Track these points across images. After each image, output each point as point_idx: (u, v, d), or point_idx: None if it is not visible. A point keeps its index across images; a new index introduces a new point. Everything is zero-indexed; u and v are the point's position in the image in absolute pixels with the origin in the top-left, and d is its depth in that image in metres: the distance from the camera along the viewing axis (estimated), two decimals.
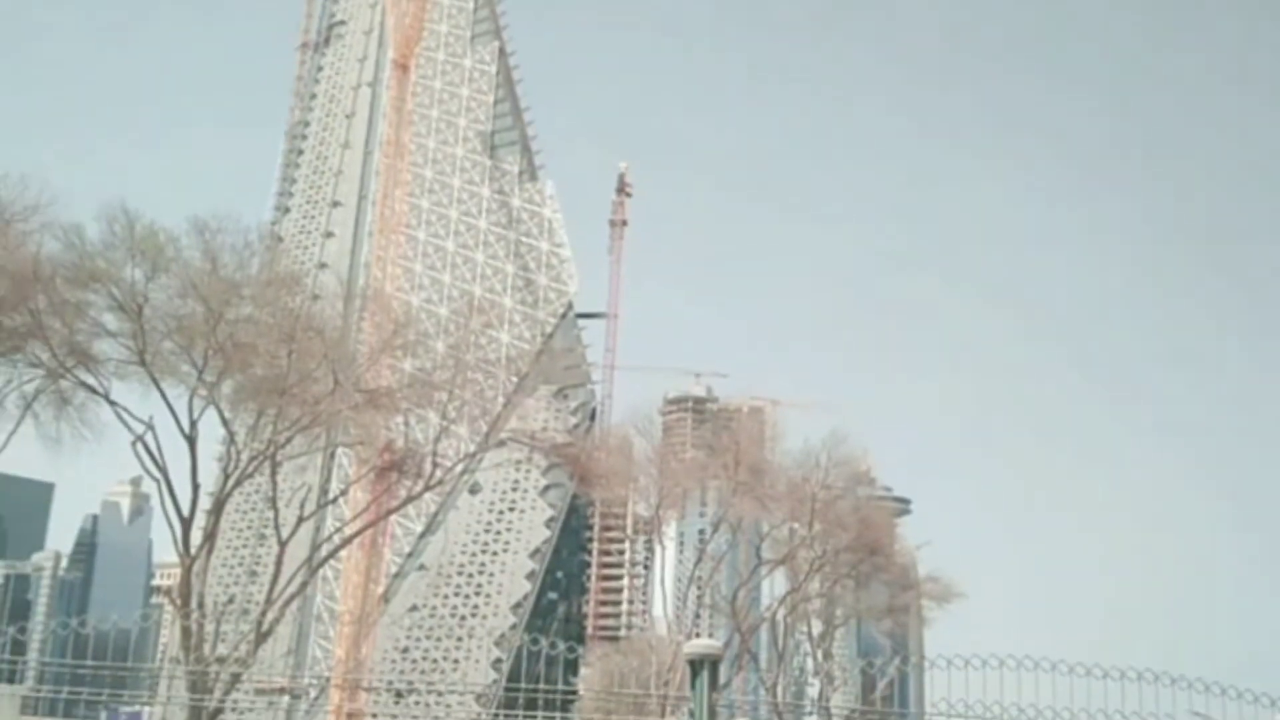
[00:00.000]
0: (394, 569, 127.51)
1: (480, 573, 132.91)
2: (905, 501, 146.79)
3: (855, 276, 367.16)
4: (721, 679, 12.72)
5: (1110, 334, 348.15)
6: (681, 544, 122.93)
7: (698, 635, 71.03)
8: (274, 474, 47.76)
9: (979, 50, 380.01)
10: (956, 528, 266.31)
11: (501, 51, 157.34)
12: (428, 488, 56.59)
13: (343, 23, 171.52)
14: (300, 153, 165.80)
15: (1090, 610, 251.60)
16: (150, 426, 43.20)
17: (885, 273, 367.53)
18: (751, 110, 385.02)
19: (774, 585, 74.16)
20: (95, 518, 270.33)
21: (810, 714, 79.72)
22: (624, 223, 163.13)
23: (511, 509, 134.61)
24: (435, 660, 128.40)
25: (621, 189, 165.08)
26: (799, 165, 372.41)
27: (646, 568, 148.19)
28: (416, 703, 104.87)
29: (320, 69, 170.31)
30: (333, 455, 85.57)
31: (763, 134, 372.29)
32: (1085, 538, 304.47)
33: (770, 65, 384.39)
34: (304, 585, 53.78)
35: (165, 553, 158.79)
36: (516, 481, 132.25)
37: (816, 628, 75.21)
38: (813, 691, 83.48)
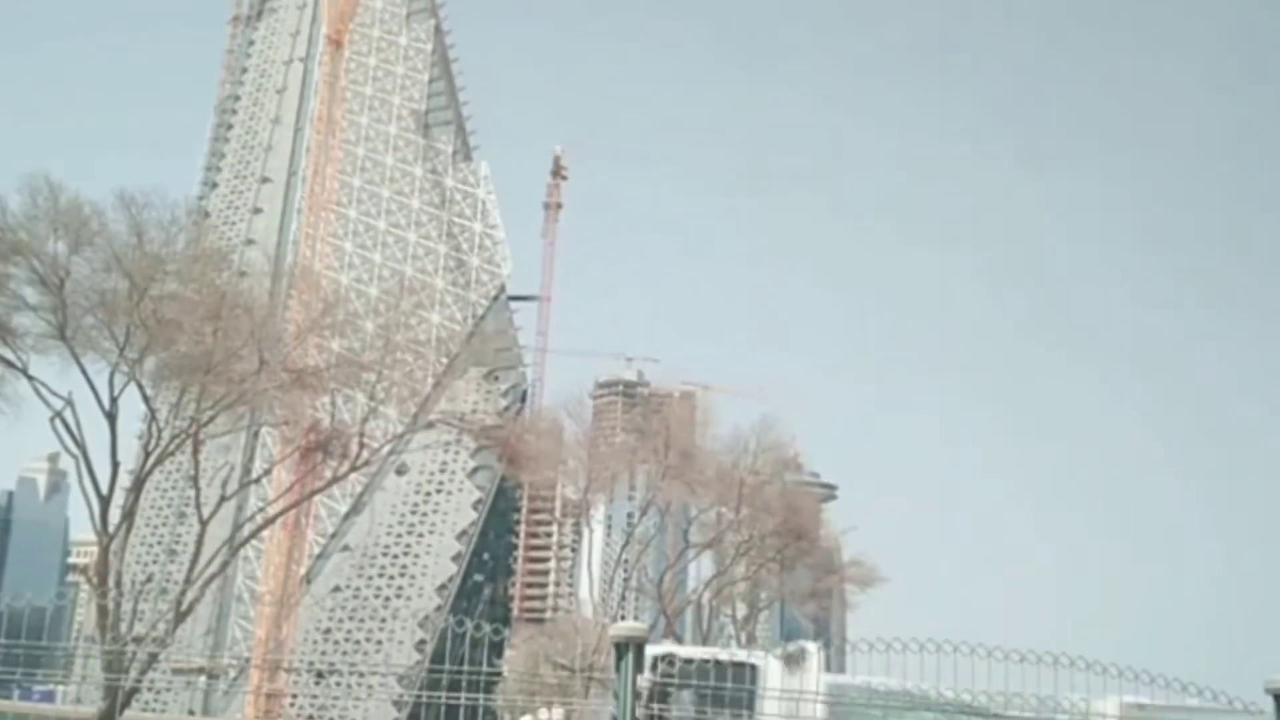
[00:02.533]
0: (317, 550, 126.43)
1: (405, 554, 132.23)
2: (831, 488, 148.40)
3: (788, 263, 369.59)
4: (646, 661, 12.93)
5: (1047, 330, 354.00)
6: (609, 527, 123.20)
7: (623, 618, 71.43)
8: (196, 452, 47.17)
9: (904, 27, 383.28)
10: (881, 514, 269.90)
11: (437, 30, 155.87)
12: (354, 469, 56.25)
13: None
14: (230, 127, 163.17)
15: (1014, 596, 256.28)
16: (69, 402, 42.52)
17: (818, 259, 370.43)
18: (688, 95, 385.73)
19: (700, 568, 74.90)
20: (10, 494, 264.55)
21: None
22: (558, 206, 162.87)
23: (439, 490, 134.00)
24: (358, 641, 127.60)
25: (557, 172, 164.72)
26: (736, 149, 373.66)
27: (574, 550, 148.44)
28: (338, 683, 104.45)
29: (252, 43, 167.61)
30: (257, 434, 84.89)
31: (699, 119, 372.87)
32: (1011, 523, 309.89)
33: (707, 49, 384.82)
34: (225, 565, 53.19)
35: (82, 530, 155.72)
36: (444, 463, 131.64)
37: (741, 610, 75.98)
38: None
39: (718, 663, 18.64)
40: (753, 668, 17.70)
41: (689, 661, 17.56)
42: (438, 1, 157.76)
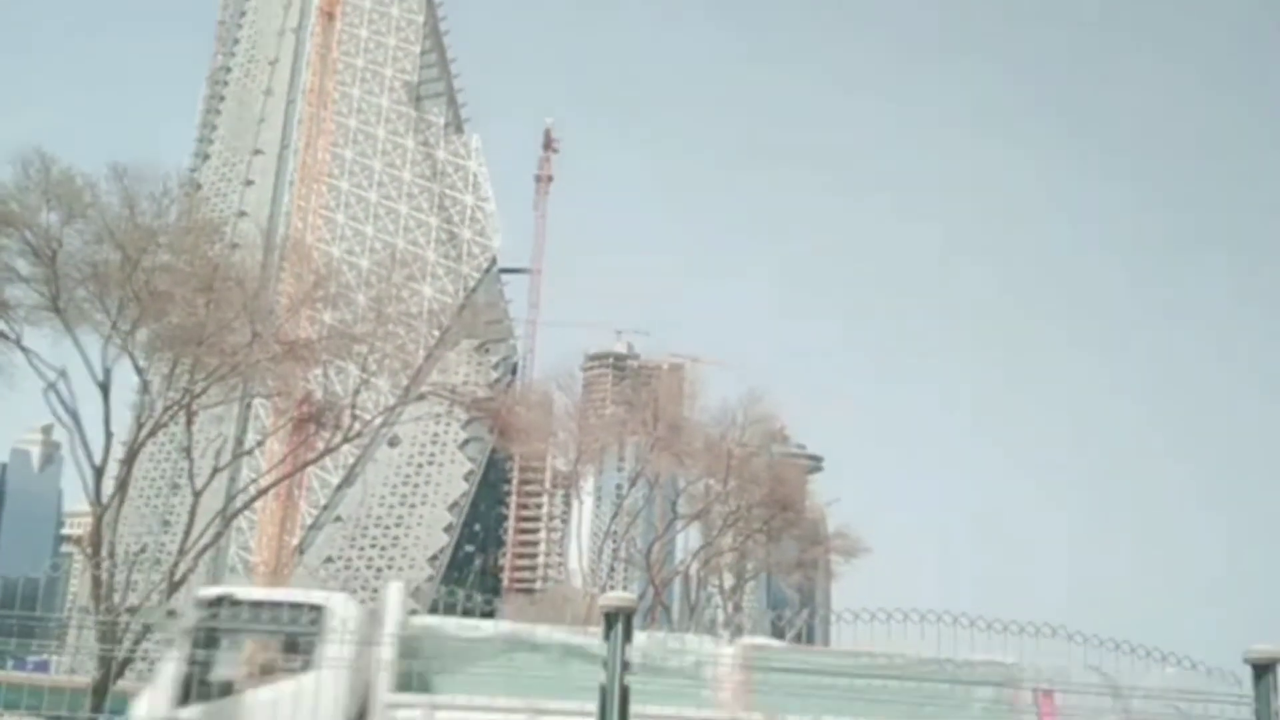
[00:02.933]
0: (310, 520, 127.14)
1: (397, 525, 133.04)
2: (817, 459, 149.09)
3: (778, 235, 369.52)
4: (634, 631, 13.28)
5: (1025, 298, 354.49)
6: (599, 498, 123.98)
7: (612, 588, 72.09)
8: (189, 424, 47.53)
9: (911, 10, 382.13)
10: (866, 485, 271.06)
11: (430, 2, 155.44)
12: (346, 440, 56.64)
13: None
14: (222, 99, 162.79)
15: (1003, 568, 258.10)
16: (62, 374, 42.85)
17: (808, 231, 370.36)
18: (680, 66, 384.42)
19: (688, 539, 75.42)
20: (4, 465, 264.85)
21: None
22: (549, 179, 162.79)
23: (430, 462, 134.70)
24: None
25: (548, 145, 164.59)
26: (726, 123, 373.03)
27: (564, 521, 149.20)
28: None
29: (244, 14, 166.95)
30: (249, 406, 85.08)
31: (689, 91, 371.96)
32: (999, 496, 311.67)
33: (701, 22, 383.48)
34: (218, 536, 53.65)
35: (76, 501, 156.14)
36: (436, 435, 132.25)
37: (728, 581, 76.68)
38: None
39: (280, 605, 16.55)
40: (319, 610, 15.79)
41: (250, 604, 16.11)
42: None
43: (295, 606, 16.33)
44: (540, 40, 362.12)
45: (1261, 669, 13.65)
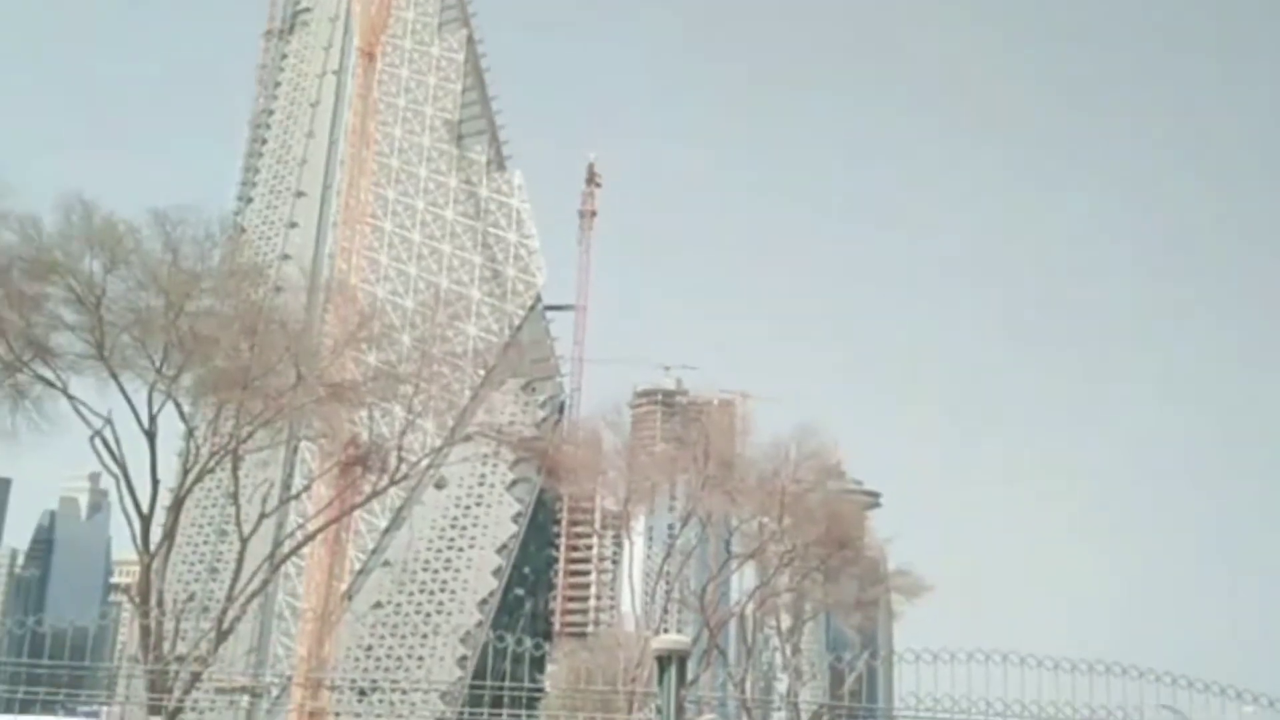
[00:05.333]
0: (358, 565, 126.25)
1: (446, 569, 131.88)
2: (875, 495, 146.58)
3: (827, 269, 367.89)
4: (689, 675, 12.08)
5: (1087, 333, 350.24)
6: (650, 539, 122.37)
7: (665, 631, 70.53)
8: (235, 469, 46.87)
9: (973, 53, 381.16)
10: (927, 521, 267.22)
11: (470, 39, 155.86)
12: (392, 483, 55.90)
13: (308, 10, 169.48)
14: (264, 142, 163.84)
15: (1065, 604, 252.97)
16: (109, 421, 42.41)
17: (857, 267, 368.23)
18: (723, 102, 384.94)
19: (743, 580, 73.90)
20: (52, 514, 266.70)
21: (778, 709, 79.40)
22: (593, 214, 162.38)
23: (478, 504, 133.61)
24: (400, 658, 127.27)
25: (591, 179, 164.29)
26: (770, 158, 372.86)
27: (614, 563, 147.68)
28: (380, 700, 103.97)
29: (285, 57, 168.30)
30: (295, 450, 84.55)
31: (733, 126, 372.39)
32: (1059, 531, 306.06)
33: (743, 57, 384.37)
34: (266, 582, 52.98)
35: (124, 549, 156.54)
36: (483, 476, 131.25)
37: (785, 622, 74.98)
38: (781, 687, 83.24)
39: None
40: None
41: None
42: (470, 11, 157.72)
43: None
44: (582, 75, 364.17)
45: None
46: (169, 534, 46.30)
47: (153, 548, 43.65)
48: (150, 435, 42.73)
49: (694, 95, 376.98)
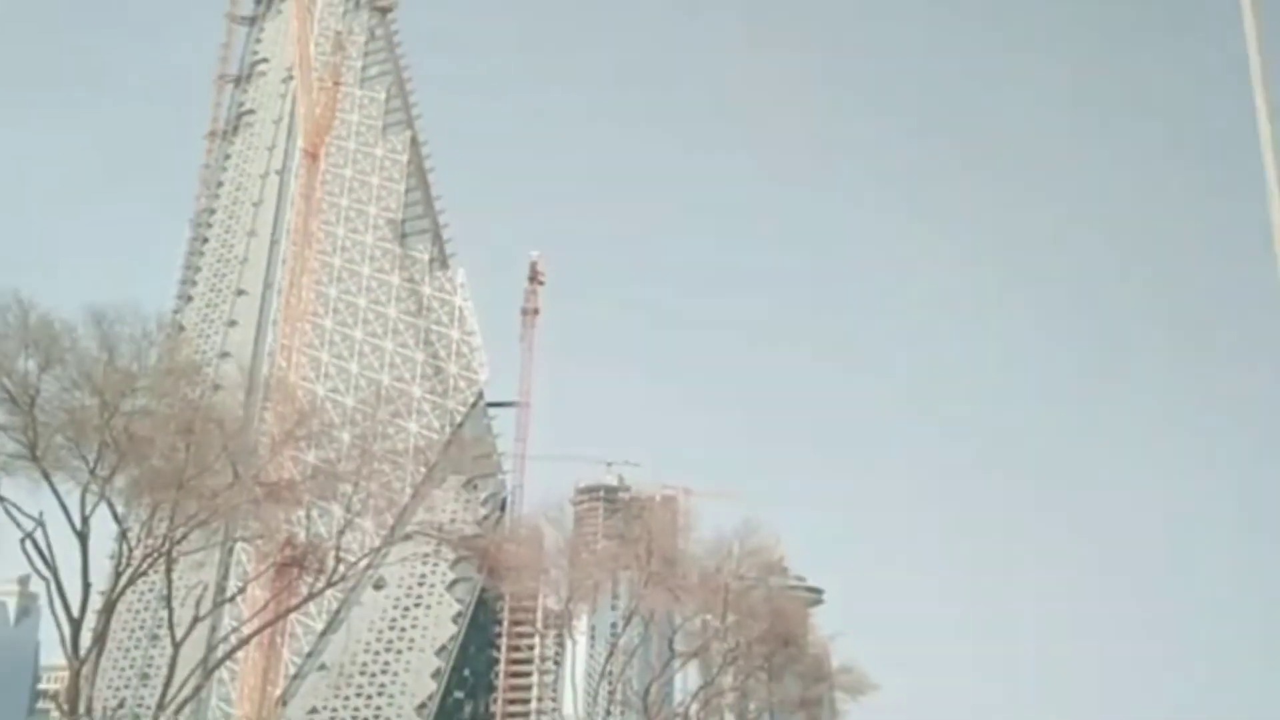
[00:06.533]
0: (293, 670, 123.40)
1: (384, 672, 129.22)
2: (818, 591, 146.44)
3: (770, 366, 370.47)
4: None
5: (1025, 422, 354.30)
6: (593, 638, 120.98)
7: None
8: (169, 571, 46.09)
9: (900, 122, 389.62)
10: (871, 618, 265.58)
11: (414, 141, 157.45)
12: (330, 584, 55.08)
13: (252, 111, 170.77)
14: (205, 240, 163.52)
15: (1013, 703, 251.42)
16: (40, 523, 41.65)
17: (800, 362, 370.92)
18: (662, 199, 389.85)
19: (686, 679, 73.35)
20: None
21: None
22: (536, 311, 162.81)
23: (417, 605, 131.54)
24: None
25: (534, 277, 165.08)
26: (711, 252, 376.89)
27: (557, 663, 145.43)
28: None
29: (228, 157, 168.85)
30: (231, 551, 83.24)
31: (673, 222, 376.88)
32: (1007, 628, 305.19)
33: (678, 152, 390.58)
34: (198, 688, 51.72)
35: (53, 655, 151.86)
36: (423, 576, 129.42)
37: None
38: None
39: None
40: None
41: None
42: (414, 114, 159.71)
43: None
44: (526, 175, 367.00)
45: None
46: (99, 638, 45.31)
47: (83, 653, 42.60)
48: (82, 537, 42.00)
49: (637, 193, 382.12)
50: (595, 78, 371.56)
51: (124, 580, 44.53)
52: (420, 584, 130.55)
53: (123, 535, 45.17)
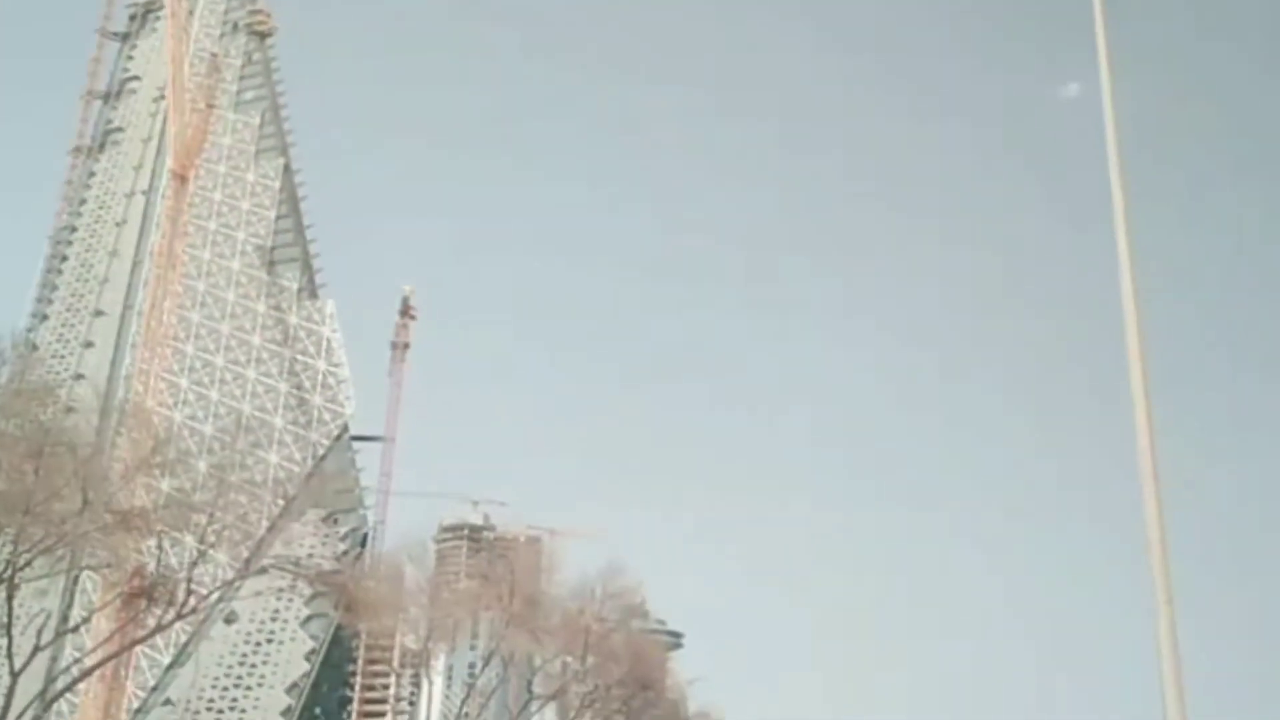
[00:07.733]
0: (136, 704, 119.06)
1: (232, 709, 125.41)
2: (678, 635, 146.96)
3: (637, 408, 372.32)
4: None
5: (901, 451, 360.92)
6: (450, 678, 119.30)
7: None
8: (10, 598, 44.27)
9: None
10: (730, 663, 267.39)
11: (287, 168, 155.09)
12: (179, 617, 53.53)
13: (120, 129, 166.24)
14: (64, 259, 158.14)
15: None
16: None
17: (668, 405, 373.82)
18: (537, 239, 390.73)
19: None
20: None
21: None
22: (406, 346, 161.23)
23: (269, 640, 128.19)
24: None
25: (405, 311, 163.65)
26: (584, 294, 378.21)
27: (411, 704, 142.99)
28: None
29: (93, 174, 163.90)
30: (76, 579, 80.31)
31: (548, 258, 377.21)
32: (867, 679, 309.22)
33: (556, 192, 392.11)
34: None
35: None
36: (276, 611, 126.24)
37: None
38: None
39: None
40: None
41: None
42: (289, 140, 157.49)
43: None
44: (400, 207, 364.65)
45: None
46: None
47: None
48: None
49: (510, 231, 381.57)
50: (469, 114, 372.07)
51: None
52: (273, 619, 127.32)
53: None
